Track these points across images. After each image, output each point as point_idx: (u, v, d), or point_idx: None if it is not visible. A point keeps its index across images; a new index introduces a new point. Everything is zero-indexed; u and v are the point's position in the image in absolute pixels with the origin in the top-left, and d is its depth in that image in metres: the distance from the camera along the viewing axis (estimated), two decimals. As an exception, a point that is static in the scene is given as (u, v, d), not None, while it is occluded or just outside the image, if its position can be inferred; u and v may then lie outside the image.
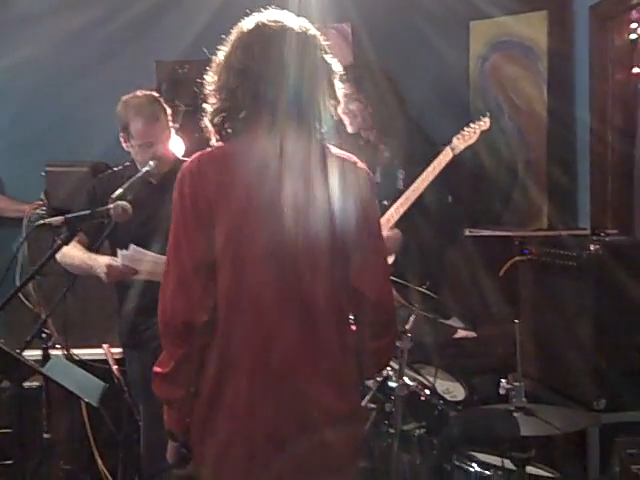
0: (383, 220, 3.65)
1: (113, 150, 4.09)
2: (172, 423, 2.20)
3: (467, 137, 3.64)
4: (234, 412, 2.10)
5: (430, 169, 3.61)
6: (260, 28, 2.17)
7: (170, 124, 3.37)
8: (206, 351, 2.11)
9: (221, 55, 2.21)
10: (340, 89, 2.25)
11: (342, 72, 3.39)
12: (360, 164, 2.25)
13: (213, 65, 2.22)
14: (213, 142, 2.24)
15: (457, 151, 3.63)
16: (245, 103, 2.14)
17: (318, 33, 2.23)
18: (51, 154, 4.48)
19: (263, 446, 2.09)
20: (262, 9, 2.25)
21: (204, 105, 2.24)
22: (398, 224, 3.67)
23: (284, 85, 2.12)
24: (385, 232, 3.59)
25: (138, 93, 3.41)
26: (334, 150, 2.23)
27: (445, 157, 3.61)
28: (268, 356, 2.09)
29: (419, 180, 3.62)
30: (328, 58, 2.23)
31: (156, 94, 3.42)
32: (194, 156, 2.18)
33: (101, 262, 3.16)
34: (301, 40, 2.17)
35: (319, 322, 2.13)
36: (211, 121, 2.21)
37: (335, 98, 2.23)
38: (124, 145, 3.37)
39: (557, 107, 4.68)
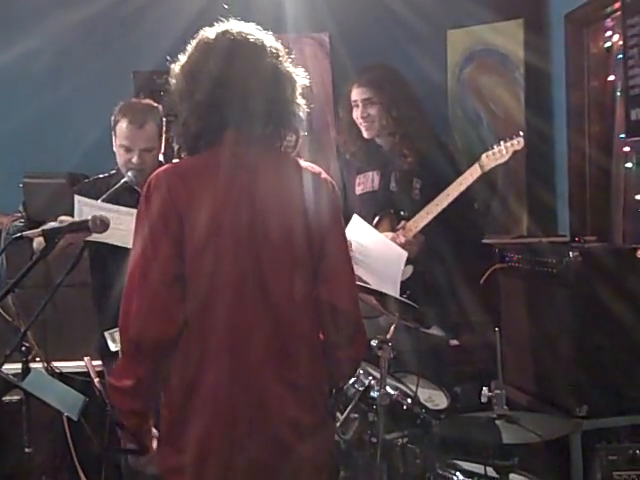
0: (401, 232, 3.60)
1: (90, 160, 4.09)
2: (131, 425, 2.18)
3: (498, 156, 3.52)
4: (203, 425, 2.08)
5: (455, 185, 3.53)
6: (223, 39, 2.16)
7: (160, 137, 3.32)
8: (171, 363, 2.09)
9: (184, 65, 2.18)
10: (303, 100, 2.24)
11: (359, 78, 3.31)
12: (324, 175, 2.26)
13: (175, 75, 2.19)
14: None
15: (486, 169, 3.52)
16: (212, 115, 2.13)
17: (279, 43, 2.23)
18: (29, 164, 4.46)
19: (234, 459, 2.09)
20: (236, 19, 2.24)
21: (168, 117, 2.24)
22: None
23: (251, 96, 2.12)
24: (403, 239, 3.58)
25: (142, 100, 3.40)
26: (300, 161, 2.25)
27: (473, 174, 3.52)
28: (239, 369, 2.08)
29: (443, 195, 3.53)
30: (291, 68, 2.22)
31: (156, 105, 3.37)
32: (161, 169, 2.16)
33: None
34: (265, 51, 2.17)
35: (290, 333, 2.14)
36: (177, 133, 2.20)
37: (300, 108, 2.23)
38: (114, 146, 3.34)
39: (534, 115, 4.72)
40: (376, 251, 2.37)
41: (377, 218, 3.70)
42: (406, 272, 3.60)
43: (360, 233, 3.45)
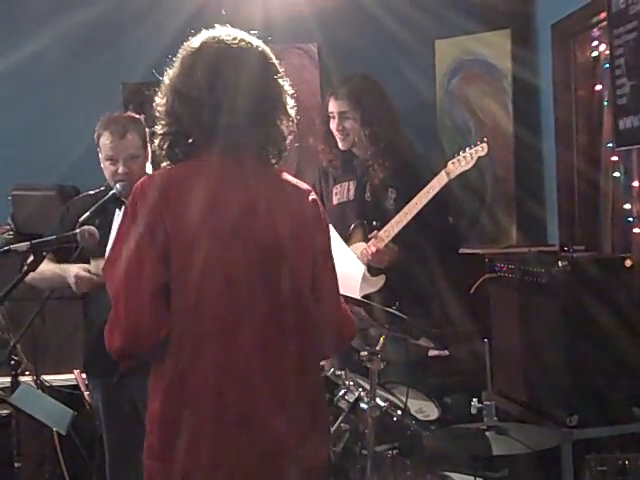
0: (372, 242, 3.62)
1: (80, 171, 4.08)
2: None
3: (463, 162, 3.52)
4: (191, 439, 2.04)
5: (423, 193, 3.54)
6: (204, 49, 2.12)
7: (145, 147, 3.33)
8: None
9: (167, 77, 2.16)
10: (292, 107, 2.21)
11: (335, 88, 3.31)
12: (313, 195, 2.24)
13: (162, 86, 2.17)
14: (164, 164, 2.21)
15: (452, 176, 3.53)
16: (191, 129, 2.11)
17: (267, 49, 2.19)
18: (18, 176, 4.45)
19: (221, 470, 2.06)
20: (241, 32, 2.18)
21: (154, 128, 2.19)
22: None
23: (230, 110, 2.08)
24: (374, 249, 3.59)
25: (124, 113, 3.42)
26: (287, 176, 2.23)
27: (440, 181, 3.52)
28: (228, 379, 2.05)
29: (412, 203, 3.55)
30: (279, 76, 2.18)
31: (138, 116, 3.39)
32: (145, 177, 2.14)
33: (72, 270, 3.14)
34: (248, 61, 2.13)
35: (277, 346, 2.11)
36: (159, 146, 2.17)
37: (288, 118, 2.20)
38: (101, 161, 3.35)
39: (522, 123, 4.75)
40: (338, 262, 2.40)
41: (351, 228, 3.72)
42: (377, 282, 3.63)
43: None
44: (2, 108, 4.72)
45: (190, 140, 2.13)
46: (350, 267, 3.46)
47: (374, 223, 3.67)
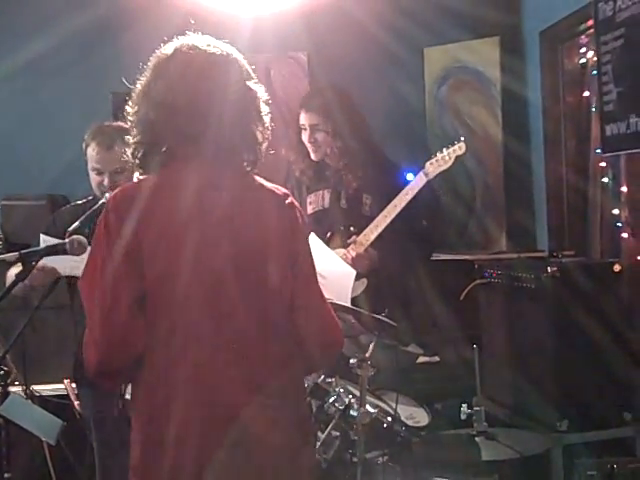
0: (352, 247, 3.65)
1: (70, 181, 4.08)
2: None
3: (441, 162, 3.58)
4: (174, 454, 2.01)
5: (402, 195, 3.58)
6: (178, 56, 2.10)
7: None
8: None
9: (139, 85, 2.13)
10: (267, 114, 2.18)
11: (305, 99, 3.30)
12: (290, 199, 2.20)
13: (133, 95, 2.14)
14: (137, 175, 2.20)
15: (431, 176, 3.58)
16: (165, 137, 2.09)
17: (241, 57, 2.17)
18: (7, 187, 4.45)
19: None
20: (213, 39, 2.17)
21: (126, 137, 2.17)
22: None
23: (205, 116, 2.06)
24: (354, 254, 3.63)
25: (112, 123, 3.41)
26: (262, 181, 2.19)
27: (418, 182, 3.58)
28: (203, 392, 2.03)
29: (391, 206, 3.59)
30: (252, 83, 2.16)
31: (127, 126, 3.37)
32: (118, 189, 2.13)
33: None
34: (222, 67, 2.11)
35: (258, 353, 2.08)
36: (133, 155, 2.14)
37: (263, 124, 2.17)
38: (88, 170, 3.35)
39: (511, 130, 4.76)
40: (327, 270, 2.38)
41: (328, 235, 3.74)
42: (359, 287, 3.65)
43: (314, 252, 3.46)
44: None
45: (164, 148, 2.10)
46: (339, 273, 3.46)
47: (351, 228, 3.70)
